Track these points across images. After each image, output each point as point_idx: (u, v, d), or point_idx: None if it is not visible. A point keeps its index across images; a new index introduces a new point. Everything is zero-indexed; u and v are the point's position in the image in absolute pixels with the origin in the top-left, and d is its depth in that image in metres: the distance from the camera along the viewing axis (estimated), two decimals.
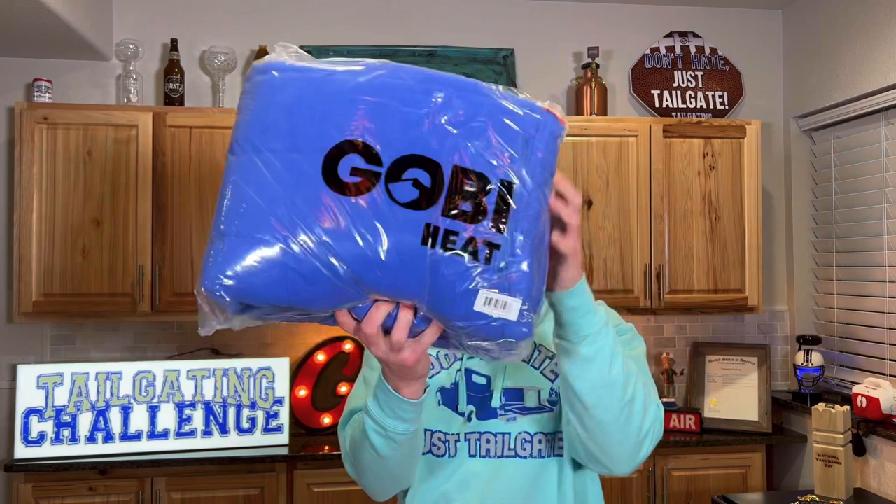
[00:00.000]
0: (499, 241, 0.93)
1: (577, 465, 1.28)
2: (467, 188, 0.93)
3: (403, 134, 0.93)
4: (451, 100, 0.96)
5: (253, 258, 0.90)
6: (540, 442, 1.27)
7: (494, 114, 0.97)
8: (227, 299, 0.91)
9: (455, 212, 0.92)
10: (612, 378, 1.09)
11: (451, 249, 0.92)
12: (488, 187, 0.93)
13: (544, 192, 0.98)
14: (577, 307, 1.06)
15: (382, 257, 0.91)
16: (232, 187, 0.93)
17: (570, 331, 1.07)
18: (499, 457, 1.27)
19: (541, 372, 1.29)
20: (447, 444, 1.28)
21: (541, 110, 1.00)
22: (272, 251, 0.90)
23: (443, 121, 0.95)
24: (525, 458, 1.26)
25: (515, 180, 0.94)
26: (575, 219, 1.01)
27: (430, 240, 0.92)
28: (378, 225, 0.91)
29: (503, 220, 0.93)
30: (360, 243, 0.91)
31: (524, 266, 0.94)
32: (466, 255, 0.92)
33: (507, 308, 0.94)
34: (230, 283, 0.90)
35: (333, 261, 0.91)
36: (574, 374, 1.09)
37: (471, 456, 1.27)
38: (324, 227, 0.91)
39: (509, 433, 1.27)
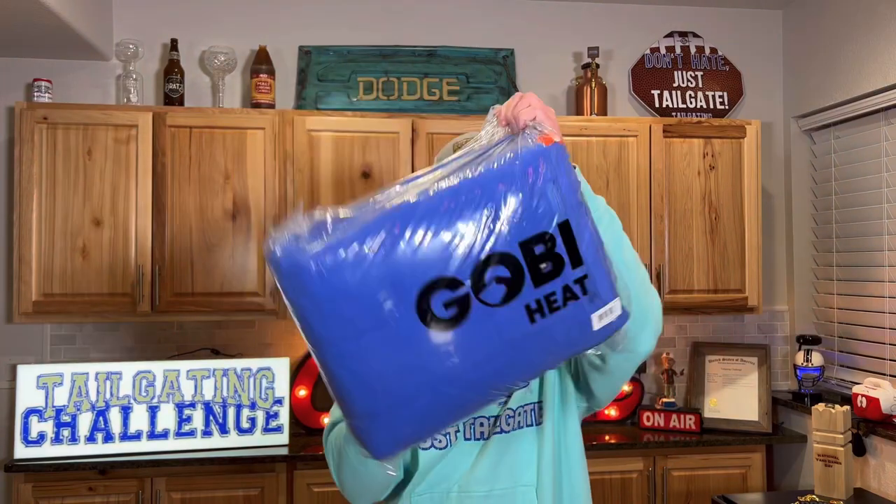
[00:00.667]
0: (582, 272, 1.03)
1: (557, 431, 1.35)
2: (539, 253, 1.01)
3: (457, 247, 1.00)
4: (477, 198, 1.01)
5: (405, 422, 1.03)
6: (520, 415, 1.34)
7: (517, 181, 1.02)
8: (398, 456, 1.10)
9: (543, 277, 1.01)
10: (626, 260, 1.17)
11: (556, 308, 1.03)
12: (549, 237, 1.01)
13: (581, 202, 1.05)
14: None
15: (505, 359, 1.03)
16: (348, 376, 1.01)
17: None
18: (487, 437, 1.33)
19: None
20: (447, 437, 1.33)
21: (541, 149, 1.04)
22: (416, 406, 1.02)
23: (485, 218, 1.00)
24: (508, 431, 1.33)
25: (564, 215, 1.02)
26: (507, 110, 1.11)
27: (535, 315, 1.02)
28: (489, 334, 1.01)
29: (576, 253, 1.03)
30: (483, 359, 1.01)
31: (604, 272, 1.06)
32: (568, 304, 1.03)
33: (613, 310, 1.07)
34: (398, 448, 1.06)
35: (468, 386, 1.02)
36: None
37: (466, 439, 1.34)
38: (447, 365, 1.00)
39: (498, 414, 1.33)
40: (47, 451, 2.81)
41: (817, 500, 2.63)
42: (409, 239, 0.98)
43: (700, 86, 3.54)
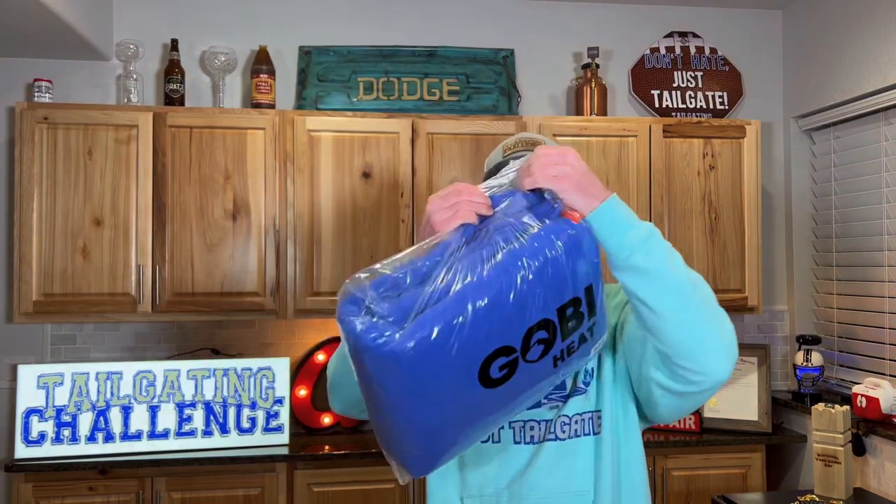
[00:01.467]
0: (594, 320, 1.19)
1: (620, 438, 1.33)
2: (569, 314, 1.14)
3: (513, 320, 1.10)
4: (523, 273, 1.10)
5: (441, 453, 1.17)
6: (577, 423, 1.31)
7: (555, 256, 1.12)
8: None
9: (569, 332, 1.15)
10: (678, 278, 1.12)
11: (573, 352, 1.18)
12: (577, 300, 1.14)
13: (599, 262, 1.17)
14: (605, 226, 1.11)
15: (527, 397, 1.19)
16: (403, 423, 1.13)
17: (613, 247, 1.12)
18: (540, 441, 1.32)
19: None
20: (492, 433, 1.34)
21: (575, 228, 1.15)
22: (453, 441, 1.17)
23: (531, 290, 1.10)
24: (564, 439, 1.30)
25: (589, 281, 1.15)
26: (535, 166, 1.12)
27: (558, 362, 1.17)
28: (523, 384, 1.16)
29: (593, 307, 1.17)
30: (514, 402, 1.17)
31: (605, 315, 1.23)
32: (581, 346, 1.19)
33: (604, 339, 1.26)
34: (431, 470, 1.20)
35: (495, 422, 1.19)
36: (636, 286, 1.12)
37: (515, 443, 1.33)
38: (487, 412, 1.16)
39: (551, 419, 1.32)
40: (48, 450, 2.82)
41: (817, 499, 2.63)
42: (478, 315, 1.07)
43: (700, 86, 3.54)
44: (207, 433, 2.95)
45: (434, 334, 1.05)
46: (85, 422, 2.85)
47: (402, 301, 1.07)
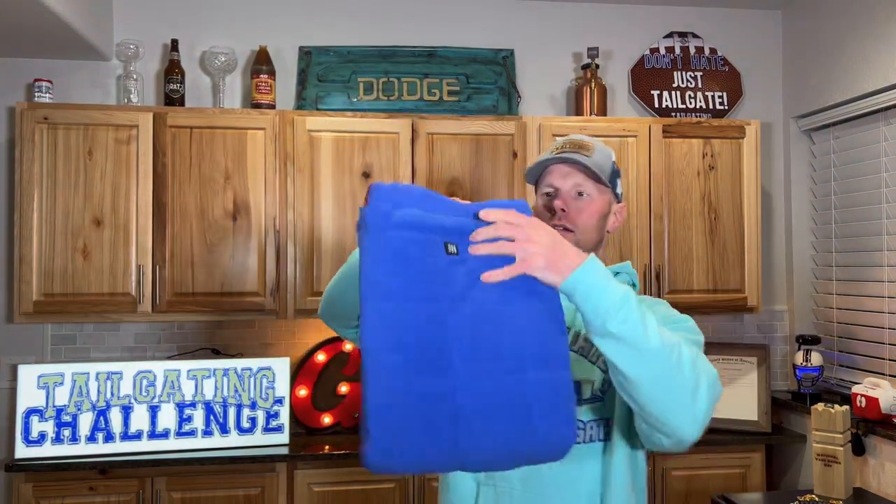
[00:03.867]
0: None
1: (625, 446, 1.36)
2: None
3: None
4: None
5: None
6: (591, 428, 1.34)
7: None
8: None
9: None
10: (650, 347, 1.10)
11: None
12: None
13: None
14: (576, 292, 1.11)
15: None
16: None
17: (588, 313, 1.11)
18: None
19: (596, 364, 1.36)
20: None
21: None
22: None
23: None
24: (578, 442, 1.31)
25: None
26: (506, 248, 1.11)
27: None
28: None
29: None
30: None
31: None
32: None
33: None
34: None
35: None
36: (611, 353, 1.12)
37: None
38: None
39: None
40: (48, 450, 2.82)
41: (816, 499, 2.63)
42: None
43: (699, 86, 3.54)
44: (207, 433, 2.95)
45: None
46: (85, 422, 2.86)
47: None
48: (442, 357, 1.11)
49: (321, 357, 3.23)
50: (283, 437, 3.00)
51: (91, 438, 2.85)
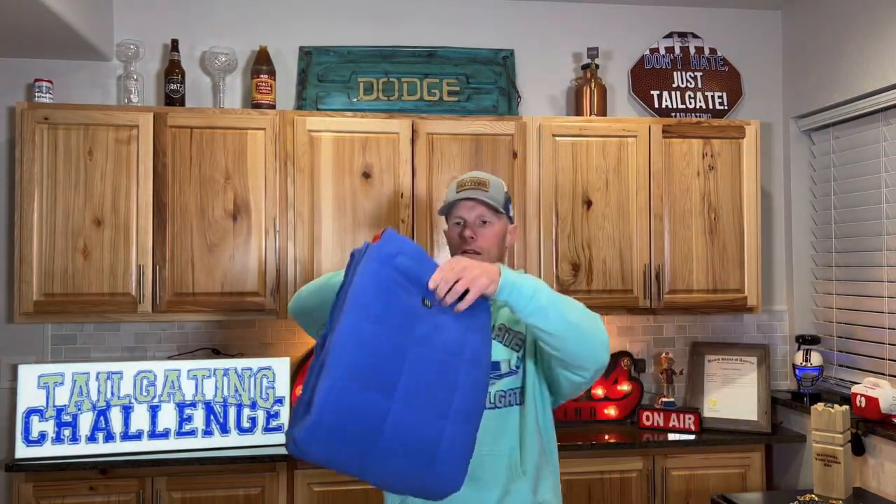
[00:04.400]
0: None
1: (535, 408, 1.75)
2: None
3: None
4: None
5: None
6: (510, 395, 1.73)
7: None
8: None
9: None
10: (564, 307, 1.54)
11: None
12: None
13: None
14: (504, 288, 1.49)
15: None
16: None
17: (518, 303, 1.51)
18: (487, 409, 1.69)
19: (509, 347, 1.76)
20: None
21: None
22: None
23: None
24: (501, 407, 1.72)
25: None
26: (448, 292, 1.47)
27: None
28: None
29: None
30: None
31: None
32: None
33: None
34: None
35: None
36: (541, 321, 1.52)
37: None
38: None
39: (490, 392, 1.70)
40: (48, 450, 2.82)
41: (816, 499, 2.63)
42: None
43: (699, 86, 3.55)
44: (208, 433, 2.95)
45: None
46: (85, 422, 2.86)
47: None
48: (391, 381, 1.34)
49: None
50: (283, 437, 3.00)
51: (91, 438, 2.86)
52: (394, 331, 1.37)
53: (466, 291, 1.45)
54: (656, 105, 3.51)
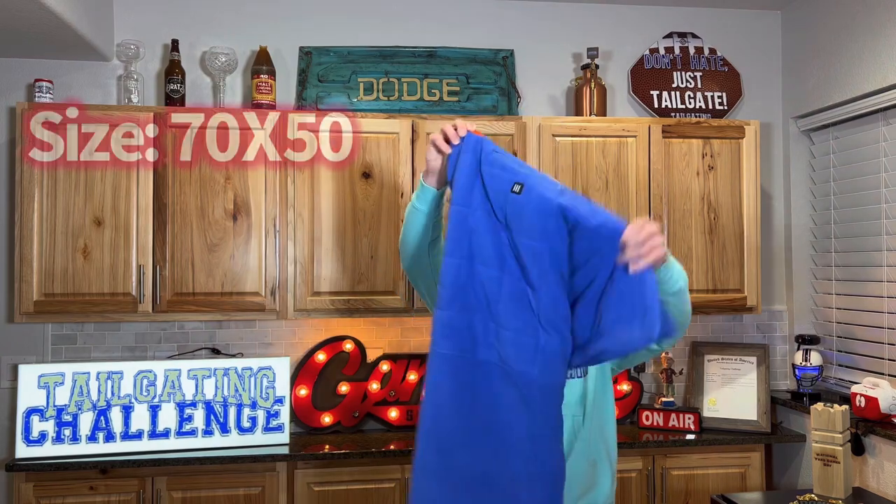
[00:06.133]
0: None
1: (595, 377, 1.88)
2: None
3: None
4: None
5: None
6: (577, 371, 1.87)
7: None
8: None
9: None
10: (682, 291, 1.78)
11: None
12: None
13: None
14: (660, 274, 1.66)
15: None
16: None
17: (670, 280, 1.72)
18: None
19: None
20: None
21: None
22: None
23: None
24: (570, 378, 1.83)
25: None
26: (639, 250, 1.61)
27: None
28: None
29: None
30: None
31: None
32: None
33: None
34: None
35: None
36: (670, 293, 1.73)
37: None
38: None
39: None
40: (48, 450, 2.82)
41: (816, 499, 2.64)
42: None
43: (699, 86, 3.55)
44: (208, 433, 2.95)
45: None
46: (86, 421, 2.86)
47: None
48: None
49: (321, 357, 3.24)
50: (284, 437, 3.01)
51: (92, 438, 2.86)
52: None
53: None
54: (656, 105, 3.51)
